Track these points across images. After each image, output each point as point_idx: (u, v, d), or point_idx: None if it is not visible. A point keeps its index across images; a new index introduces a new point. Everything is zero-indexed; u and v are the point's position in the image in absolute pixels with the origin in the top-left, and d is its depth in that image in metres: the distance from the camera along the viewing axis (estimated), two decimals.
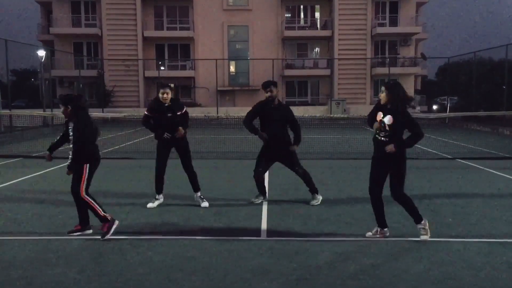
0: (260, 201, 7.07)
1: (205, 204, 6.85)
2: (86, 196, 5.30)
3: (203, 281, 4.15)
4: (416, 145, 15.47)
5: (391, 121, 5.13)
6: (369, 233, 5.46)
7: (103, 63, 34.81)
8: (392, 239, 5.34)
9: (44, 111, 25.69)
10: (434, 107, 40.30)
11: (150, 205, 6.81)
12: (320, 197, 7.06)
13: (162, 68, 36.72)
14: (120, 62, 34.79)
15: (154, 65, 36.78)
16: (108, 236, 5.22)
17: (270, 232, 5.59)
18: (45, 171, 10.06)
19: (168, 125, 6.67)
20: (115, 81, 34.94)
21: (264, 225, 5.87)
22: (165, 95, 6.63)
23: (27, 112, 23.21)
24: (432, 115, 16.24)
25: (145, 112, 6.84)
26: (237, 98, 36.14)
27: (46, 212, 6.52)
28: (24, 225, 5.89)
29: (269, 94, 6.75)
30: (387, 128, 5.16)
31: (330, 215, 6.41)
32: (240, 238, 5.37)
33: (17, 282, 4.09)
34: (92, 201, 5.31)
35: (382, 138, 5.21)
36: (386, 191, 5.33)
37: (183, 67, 37.55)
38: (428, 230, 5.31)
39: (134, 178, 9.24)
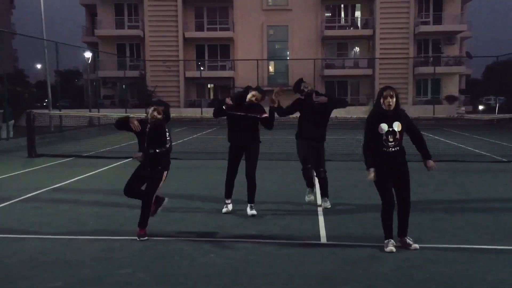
0: (312, 198, 7.00)
1: (253, 212, 6.47)
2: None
3: (268, 286, 4.11)
4: (466, 147, 14.98)
5: (400, 127, 4.89)
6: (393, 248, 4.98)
7: (145, 64, 35.47)
8: (458, 246, 5.15)
9: (90, 111, 26.41)
10: (480, 107, 39.06)
11: (225, 210, 6.57)
12: (328, 204, 6.87)
13: (202, 68, 37.11)
14: (161, 63, 35.39)
15: (195, 65, 37.21)
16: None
17: (329, 237, 5.49)
18: (97, 171, 10.31)
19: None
20: (156, 82, 35.56)
21: (322, 229, 5.79)
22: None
23: (80, 112, 23.93)
24: (486, 116, 15.64)
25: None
26: None
27: (105, 212, 6.65)
28: (86, 224, 6.03)
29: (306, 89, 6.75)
30: (397, 136, 4.88)
31: None
32: (300, 242, 5.31)
33: (87, 281, 4.17)
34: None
35: (393, 149, 4.90)
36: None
37: (223, 68, 37.84)
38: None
39: (184, 179, 9.32)
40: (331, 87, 37.52)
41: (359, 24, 37.45)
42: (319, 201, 7.03)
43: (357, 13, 37.57)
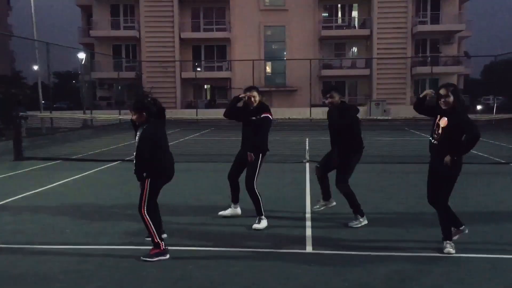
0: (321, 208, 6.51)
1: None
2: (146, 214, 4.76)
3: None
4: None
5: (445, 124, 4.73)
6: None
7: (141, 65, 35.19)
8: (458, 255, 4.84)
9: (84, 112, 26.11)
10: (478, 107, 38.80)
11: (221, 213, 6.37)
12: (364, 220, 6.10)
13: (198, 69, 36.81)
14: (157, 64, 35.10)
15: (191, 66, 36.92)
16: (148, 260, 4.67)
17: (316, 245, 5.19)
18: (83, 174, 10.00)
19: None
20: (152, 83, 35.26)
21: (309, 237, 5.48)
22: (252, 99, 5.94)
23: (68, 114, 23.62)
24: (485, 117, 15.34)
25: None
26: (273, 99, 35.79)
27: (84, 219, 6.33)
28: (62, 233, 5.73)
29: (329, 100, 6.02)
30: (439, 131, 4.80)
31: (382, 225, 5.96)
32: (285, 251, 5.01)
33: None
34: (150, 222, 4.76)
35: (434, 142, 4.89)
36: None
37: (220, 68, 37.56)
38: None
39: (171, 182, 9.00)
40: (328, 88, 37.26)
41: (356, 24, 37.20)
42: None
43: (354, 13, 37.33)
